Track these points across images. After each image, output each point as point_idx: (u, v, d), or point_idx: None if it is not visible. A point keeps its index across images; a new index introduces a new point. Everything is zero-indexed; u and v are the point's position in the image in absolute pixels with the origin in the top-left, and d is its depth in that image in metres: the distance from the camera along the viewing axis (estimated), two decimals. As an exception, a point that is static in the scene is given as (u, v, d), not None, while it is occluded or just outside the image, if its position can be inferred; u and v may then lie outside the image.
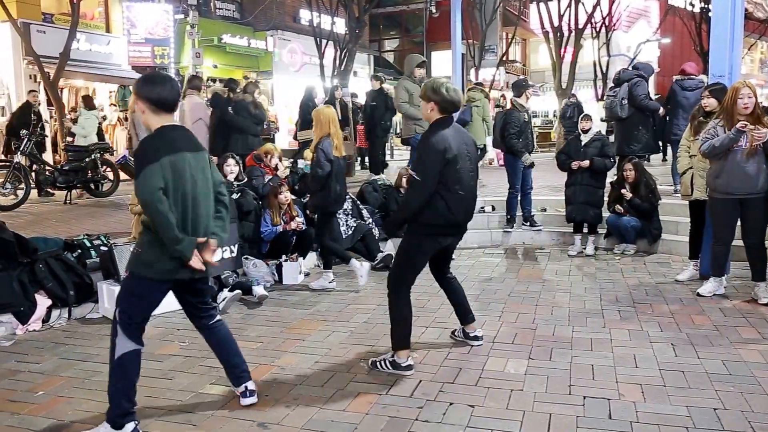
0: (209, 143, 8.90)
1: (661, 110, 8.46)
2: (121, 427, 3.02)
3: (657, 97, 12.31)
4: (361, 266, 5.84)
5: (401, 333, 3.85)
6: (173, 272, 3.08)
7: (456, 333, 4.41)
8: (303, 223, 6.45)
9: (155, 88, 3.04)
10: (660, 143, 10.16)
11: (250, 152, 7.99)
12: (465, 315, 4.31)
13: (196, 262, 3.06)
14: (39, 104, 12.30)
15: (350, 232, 6.91)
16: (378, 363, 3.87)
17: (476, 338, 4.31)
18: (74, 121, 12.27)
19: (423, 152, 3.78)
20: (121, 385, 3.05)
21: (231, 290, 5.34)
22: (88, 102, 12.23)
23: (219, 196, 3.28)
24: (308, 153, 6.19)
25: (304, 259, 6.51)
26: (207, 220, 3.17)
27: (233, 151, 7.46)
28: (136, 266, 3.11)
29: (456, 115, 4.00)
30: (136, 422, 3.08)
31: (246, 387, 3.41)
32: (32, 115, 11.07)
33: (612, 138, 9.58)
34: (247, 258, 6.10)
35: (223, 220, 3.30)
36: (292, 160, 10.50)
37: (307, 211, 6.60)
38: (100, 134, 12.08)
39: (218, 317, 3.43)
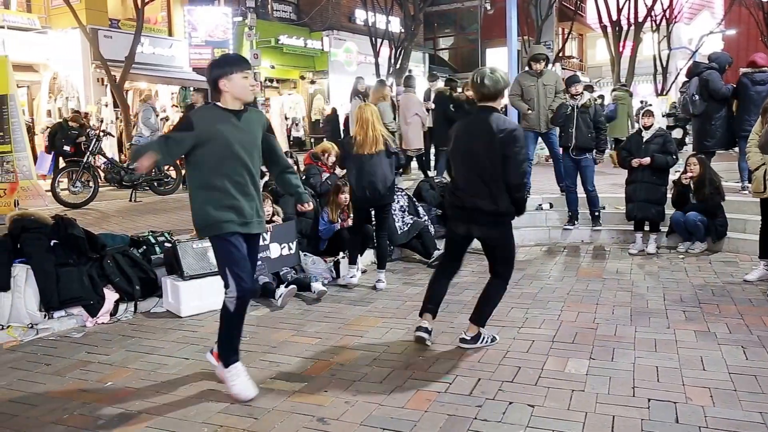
0: (434, 136, 10.41)
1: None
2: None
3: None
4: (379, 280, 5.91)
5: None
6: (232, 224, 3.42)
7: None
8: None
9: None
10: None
11: None
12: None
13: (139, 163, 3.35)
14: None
15: (405, 228, 6.91)
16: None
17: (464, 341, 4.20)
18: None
19: None
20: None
21: (287, 286, 5.41)
22: None
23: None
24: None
25: (361, 256, 6.54)
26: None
27: None
28: (203, 231, 3.49)
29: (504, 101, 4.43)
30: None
31: None
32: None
33: (674, 134, 9.30)
34: (305, 255, 6.18)
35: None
36: None
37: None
38: None
39: None
